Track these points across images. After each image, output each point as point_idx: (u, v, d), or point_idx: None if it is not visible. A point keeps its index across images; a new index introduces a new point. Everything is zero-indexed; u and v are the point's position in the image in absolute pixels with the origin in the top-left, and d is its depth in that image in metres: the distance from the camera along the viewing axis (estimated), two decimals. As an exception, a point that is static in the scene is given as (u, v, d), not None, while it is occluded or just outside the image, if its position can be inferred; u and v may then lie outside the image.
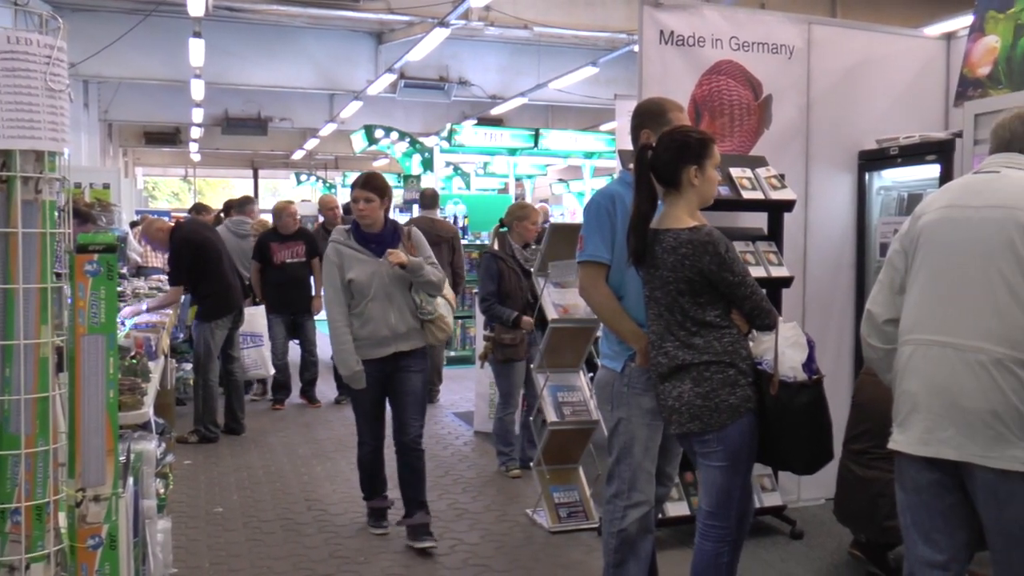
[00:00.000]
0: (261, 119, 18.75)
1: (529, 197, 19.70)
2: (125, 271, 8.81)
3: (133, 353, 4.22)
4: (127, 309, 6.17)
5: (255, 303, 8.14)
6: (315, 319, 8.49)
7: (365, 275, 4.58)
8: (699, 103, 4.98)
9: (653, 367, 3.20)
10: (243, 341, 7.73)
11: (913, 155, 5.12)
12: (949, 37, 5.74)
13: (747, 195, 4.67)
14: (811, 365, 3.03)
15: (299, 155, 24.44)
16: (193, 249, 6.91)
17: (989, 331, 2.59)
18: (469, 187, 16.65)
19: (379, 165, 22.27)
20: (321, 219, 9.52)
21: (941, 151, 4.94)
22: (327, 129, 19.10)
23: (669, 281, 3.08)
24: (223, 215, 9.56)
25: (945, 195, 2.86)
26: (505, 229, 6.15)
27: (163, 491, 3.92)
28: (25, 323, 1.86)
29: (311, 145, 22.15)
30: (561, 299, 5.07)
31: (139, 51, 13.50)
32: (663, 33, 4.87)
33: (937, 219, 2.78)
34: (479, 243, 10.59)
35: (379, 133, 13.65)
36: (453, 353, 10.30)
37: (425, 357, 4.83)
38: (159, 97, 17.56)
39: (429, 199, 8.64)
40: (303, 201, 22.55)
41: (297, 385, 8.57)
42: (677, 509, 4.66)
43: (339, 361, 4.70)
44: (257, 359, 8.15)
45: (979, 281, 2.63)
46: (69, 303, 1.98)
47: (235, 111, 18.59)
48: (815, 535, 4.81)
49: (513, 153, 14.63)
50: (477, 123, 16.29)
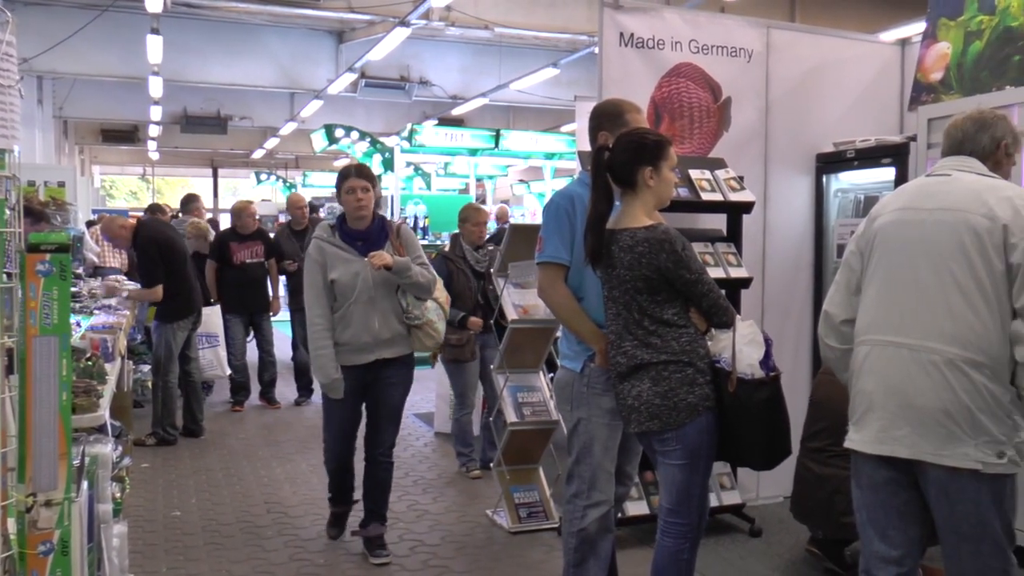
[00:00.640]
0: (221, 117, 18.55)
1: (490, 198, 19.68)
2: (81, 271, 8.65)
3: (89, 354, 4.15)
4: (96, 311, 6.03)
5: (209, 303, 8.06)
6: (272, 319, 8.46)
7: (349, 275, 4.28)
8: (659, 105, 5.01)
9: (612, 367, 3.22)
10: (199, 342, 7.66)
11: (869, 158, 5.20)
12: (904, 43, 5.83)
13: (706, 197, 4.70)
14: (768, 362, 3.06)
15: (259, 154, 24.19)
16: (159, 248, 6.82)
17: (942, 332, 2.63)
18: (430, 187, 16.59)
19: (340, 165, 22.11)
20: (286, 218, 9.43)
21: (896, 154, 5.03)
22: (287, 128, 18.94)
23: (627, 280, 3.10)
24: (180, 214, 9.45)
25: (899, 198, 2.90)
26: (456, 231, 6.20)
27: (119, 495, 3.86)
28: (-26, 324, 1.83)
29: (271, 144, 21.95)
30: (521, 300, 5.07)
31: (95, 47, 13.29)
32: (623, 35, 4.89)
33: (892, 221, 2.83)
34: (440, 244, 10.56)
35: (340, 132, 13.55)
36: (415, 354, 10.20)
37: (409, 366, 4.55)
38: (116, 94, 17.29)
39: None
40: (263, 201, 22.37)
41: (257, 387, 8.50)
42: (637, 508, 4.69)
43: (316, 367, 4.36)
44: (213, 359, 8.10)
45: (932, 283, 2.68)
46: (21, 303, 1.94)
47: (194, 109, 18.36)
48: (773, 532, 4.86)
49: (474, 153, 14.60)
50: (438, 123, 16.24)
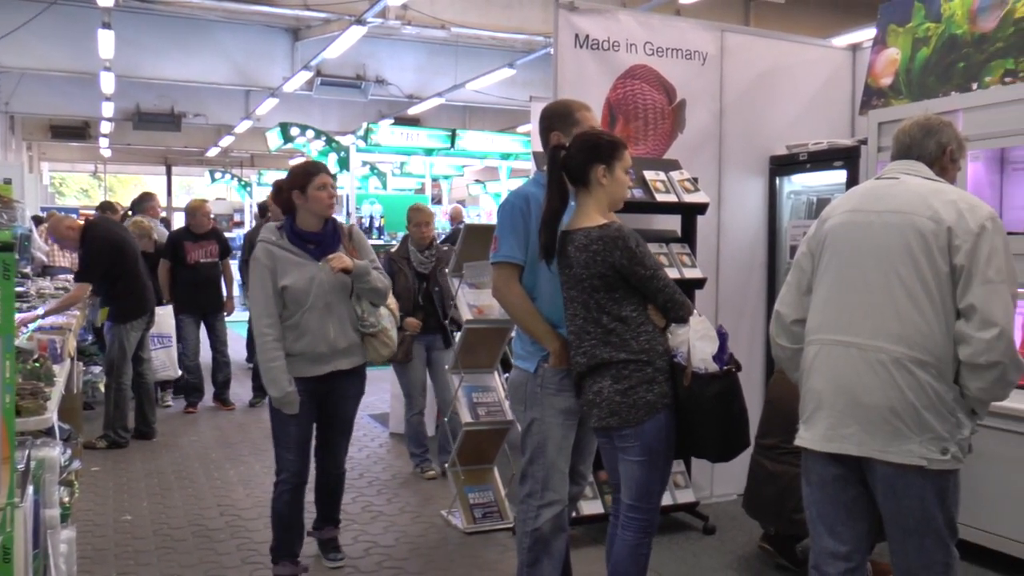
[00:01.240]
0: (174, 114, 18.30)
1: (446, 198, 19.64)
2: (29, 270, 8.49)
3: (36, 356, 4.09)
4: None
5: (161, 303, 7.96)
6: (226, 319, 8.37)
7: (303, 281, 3.96)
8: (614, 106, 5.04)
9: (573, 366, 3.25)
10: (151, 342, 7.56)
11: (821, 161, 5.28)
12: (855, 48, 5.92)
13: (661, 198, 4.74)
14: (722, 356, 3.11)
15: (214, 152, 23.90)
16: (111, 249, 6.71)
17: (889, 332, 2.69)
18: (385, 187, 16.52)
19: (295, 164, 21.90)
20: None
21: (847, 157, 5.12)
22: (242, 126, 18.73)
23: (583, 278, 3.13)
24: (131, 213, 9.30)
25: (849, 200, 2.95)
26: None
27: (68, 499, 3.80)
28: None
29: (226, 142, 21.69)
30: (476, 300, 5.07)
31: (44, 40, 13.03)
32: (578, 36, 4.91)
33: (842, 223, 2.88)
34: (395, 243, 10.51)
35: (295, 131, 13.44)
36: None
37: (363, 378, 4.30)
38: (66, 89, 16.96)
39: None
40: (218, 199, 22.11)
41: (210, 388, 8.41)
42: (591, 508, 4.71)
43: (268, 381, 3.96)
44: (165, 360, 8.01)
45: (880, 284, 2.73)
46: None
47: (147, 105, 18.07)
48: (727, 530, 4.92)
49: (430, 153, 14.57)
50: (394, 123, 16.18)
